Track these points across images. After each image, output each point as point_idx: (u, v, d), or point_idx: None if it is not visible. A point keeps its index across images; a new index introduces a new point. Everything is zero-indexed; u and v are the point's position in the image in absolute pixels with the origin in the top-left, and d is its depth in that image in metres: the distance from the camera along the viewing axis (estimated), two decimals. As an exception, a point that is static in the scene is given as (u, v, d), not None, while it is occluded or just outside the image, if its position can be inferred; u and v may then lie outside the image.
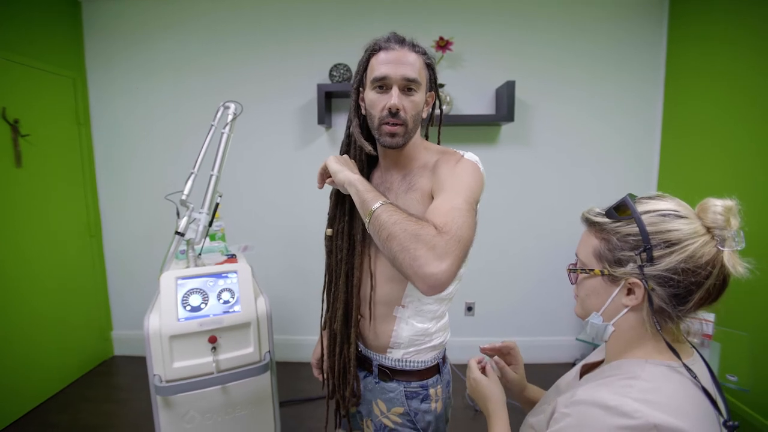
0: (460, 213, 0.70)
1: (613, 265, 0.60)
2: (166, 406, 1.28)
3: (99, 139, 2.62)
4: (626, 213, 0.59)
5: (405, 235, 0.65)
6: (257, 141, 2.53)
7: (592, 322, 0.64)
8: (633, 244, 0.57)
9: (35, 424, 2.07)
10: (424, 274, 0.63)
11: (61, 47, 2.40)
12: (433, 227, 0.66)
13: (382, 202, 0.72)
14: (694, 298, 0.55)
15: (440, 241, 0.64)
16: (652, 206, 0.58)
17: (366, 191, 0.76)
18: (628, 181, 2.49)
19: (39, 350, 2.23)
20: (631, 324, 0.60)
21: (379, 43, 0.83)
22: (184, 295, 1.32)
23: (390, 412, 0.91)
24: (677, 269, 0.54)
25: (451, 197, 0.73)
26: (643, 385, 0.54)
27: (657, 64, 2.46)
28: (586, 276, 0.64)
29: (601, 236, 0.61)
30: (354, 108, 0.89)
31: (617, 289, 0.60)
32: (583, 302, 0.67)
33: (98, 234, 2.66)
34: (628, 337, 0.61)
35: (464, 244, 0.67)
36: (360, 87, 0.87)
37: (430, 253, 0.63)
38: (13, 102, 2.07)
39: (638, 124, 2.50)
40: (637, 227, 0.57)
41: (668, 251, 0.54)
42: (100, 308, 2.70)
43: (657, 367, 0.57)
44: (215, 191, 1.48)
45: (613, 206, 0.61)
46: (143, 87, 2.55)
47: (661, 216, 0.56)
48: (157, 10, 2.50)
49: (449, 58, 2.41)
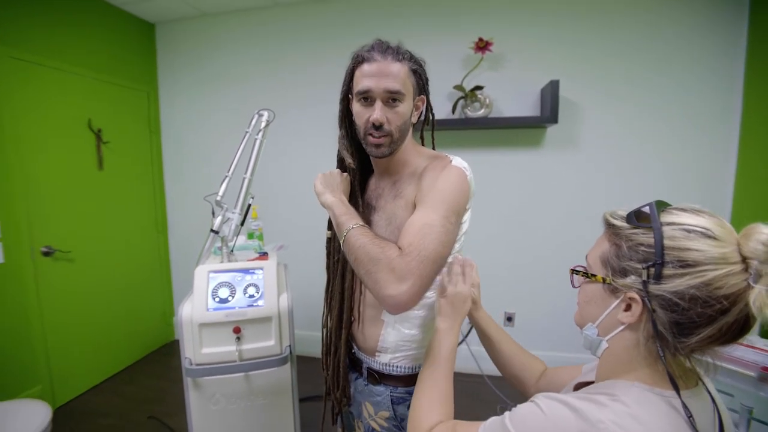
0: (431, 230, 0.71)
1: (616, 274, 0.54)
2: (195, 388, 1.41)
3: (167, 145, 2.94)
4: (646, 220, 0.52)
5: (367, 258, 0.70)
6: (297, 147, 2.67)
7: (586, 334, 0.60)
8: (643, 255, 0.51)
9: (108, 391, 2.40)
10: (384, 296, 0.68)
11: (137, 65, 2.75)
12: (396, 249, 0.70)
13: (353, 225, 0.75)
14: (700, 333, 0.48)
15: (400, 263, 0.67)
16: (680, 219, 0.51)
17: (341, 215, 0.79)
18: (695, 193, 2.21)
19: (112, 331, 2.57)
20: (625, 344, 0.55)
21: (362, 54, 0.82)
22: (214, 288, 1.44)
23: (377, 415, 0.92)
24: (685, 295, 0.47)
25: (428, 213, 0.75)
26: (618, 408, 0.48)
27: (734, 60, 2.13)
28: (587, 280, 0.60)
29: (614, 241, 0.56)
30: (341, 117, 0.91)
31: (616, 302, 0.55)
32: (582, 309, 0.62)
33: (164, 230, 2.99)
34: (621, 358, 0.56)
35: (430, 262, 0.69)
36: (348, 95, 0.88)
37: (389, 276, 0.67)
38: (97, 113, 2.42)
39: (709, 126, 2.20)
40: (652, 238, 0.50)
41: (681, 272, 0.48)
42: (164, 296, 3.02)
43: (644, 392, 0.51)
44: (248, 193, 1.60)
45: (634, 210, 0.54)
46: (203, 97, 2.82)
47: (685, 231, 0.49)
48: (213, 28, 2.75)
49: (489, 59, 2.34)
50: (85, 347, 2.38)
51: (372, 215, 0.91)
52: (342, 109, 0.91)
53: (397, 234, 0.81)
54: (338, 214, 0.80)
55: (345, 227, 0.76)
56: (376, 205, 0.91)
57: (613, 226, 0.57)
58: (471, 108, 2.34)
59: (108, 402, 2.29)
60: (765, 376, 1.25)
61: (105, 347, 2.51)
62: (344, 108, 0.90)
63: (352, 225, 0.75)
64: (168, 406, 2.20)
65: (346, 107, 0.90)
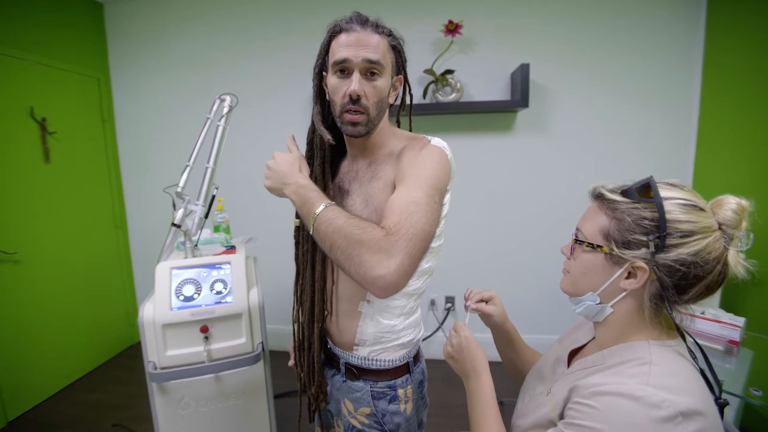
0: (417, 207, 0.66)
1: (620, 247, 0.58)
2: (161, 392, 1.33)
3: (122, 135, 2.74)
4: (647, 195, 0.57)
5: (347, 242, 0.63)
6: (265, 135, 2.55)
7: (589, 303, 0.63)
8: (648, 228, 0.56)
9: (68, 400, 2.24)
10: (372, 277, 0.61)
11: (85, 48, 2.53)
12: (379, 229, 0.64)
13: (322, 206, 0.69)
14: (693, 290, 0.56)
15: (386, 243, 0.61)
16: (673, 193, 0.57)
17: (305, 200, 0.73)
18: (659, 172, 2.28)
19: (71, 334, 2.39)
20: (629, 308, 0.60)
21: (339, 24, 0.77)
22: (177, 285, 1.35)
23: (357, 412, 0.88)
24: (686, 261, 0.54)
25: (411, 190, 0.69)
26: (657, 370, 0.53)
27: (694, 40, 2.21)
28: (588, 251, 0.62)
29: (613, 215, 0.59)
30: (315, 93, 0.85)
31: (619, 271, 0.59)
32: (577, 279, 0.64)
33: (123, 225, 2.81)
34: (626, 322, 0.60)
35: (418, 240, 0.63)
36: (323, 71, 0.82)
37: (375, 256, 0.61)
38: (40, 101, 2.20)
39: (672, 109, 2.27)
40: (655, 212, 0.55)
41: (681, 242, 0.54)
42: (126, 296, 2.85)
43: (659, 348, 0.57)
44: (211, 183, 1.50)
45: (635, 186, 0.58)
46: (160, 84, 2.63)
47: (681, 205, 0.55)
48: (170, 9, 2.56)
49: (460, 42, 2.30)
50: (39, 354, 2.20)
51: (345, 199, 0.85)
52: (316, 86, 0.84)
53: (374, 217, 0.76)
54: (301, 201, 0.73)
55: (312, 211, 0.69)
56: (350, 188, 0.85)
57: (610, 201, 0.60)
58: (442, 92, 2.30)
59: (68, 412, 2.14)
60: (731, 349, 1.31)
61: (63, 353, 2.34)
62: (318, 84, 0.84)
63: (321, 206, 0.68)
64: (135, 412, 2.09)
65: (320, 83, 0.83)
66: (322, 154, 0.86)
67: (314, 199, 0.71)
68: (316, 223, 0.68)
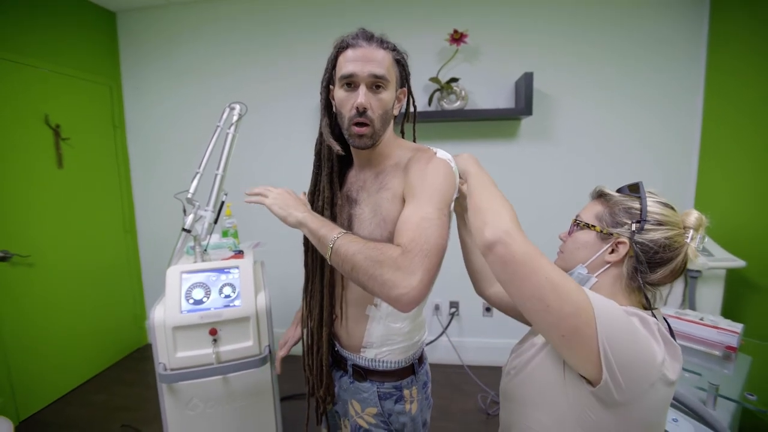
0: (430, 223, 0.71)
1: (609, 226, 0.72)
2: (171, 393, 1.35)
3: (133, 141, 2.80)
4: (635, 191, 0.74)
5: (367, 263, 0.68)
6: (271, 141, 2.60)
7: (579, 272, 0.75)
8: (632, 214, 0.71)
9: (77, 402, 2.28)
10: (396, 296, 0.67)
11: (98, 56, 2.59)
12: (395, 248, 0.69)
13: (337, 235, 0.73)
14: (661, 270, 0.69)
15: (404, 261, 0.67)
16: (654, 196, 0.73)
17: (319, 228, 0.77)
18: (662, 179, 2.31)
19: (80, 336, 2.44)
20: (609, 279, 0.72)
21: (346, 40, 0.81)
22: (187, 289, 1.38)
23: (364, 412, 0.90)
24: (658, 242, 0.68)
25: (422, 206, 0.74)
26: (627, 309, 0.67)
27: (697, 47, 2.23)
28: (583, 231, 0.76)
29: (607, 204, 0.75)
30: (323, 106, 0.89)
31: (605, 247, 0.72)
32: (570, 254, 0.77)
33: (133, 230, 2.86)
34: (607, 291, 0.71)
35: (433, 255, 0.69)
36: (330, 84, 0.86)
37: (397, 274, 0.66)
38: (54, 108, 2.26)
39: (675, 116, 2.28)
40: (639, 204, 0.71)
41: (655, 228, 0.69)
42: (135, 299, 2.90)
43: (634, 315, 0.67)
44: (221, 189, 1.54)
45: (627, 185, 0.76)
46: (172, 91, 2.69)
47: (659, 203, 0.72)
48: (180, 19, 2.63)
49: (464, 51, 2.34)
50: (50, 356, 2.25)
51: (353, 208, 0.88)
52: (323, 99, 0.88)
53: (382, 225, 0.80)
54: (315, 229, 0.78)
55: (328, 239, 0.74)
56: (358, 197, 0.89)
57: (606, 195, 0.76)
58: (447, 100, 2.34)
59: (77, 412, 2.17)
60: (728, 355, 1.32)
61: (73, 355, 2.38)
62: (326, 97, 0.87)
63: (336, 235, 0.73)
64: (143, 414, 2.12)
65: (328, 97, 0.87)
66: (329, 164, 0.89)
67: (328, 227, 0.77)
68: (334, 247, 0.73)
